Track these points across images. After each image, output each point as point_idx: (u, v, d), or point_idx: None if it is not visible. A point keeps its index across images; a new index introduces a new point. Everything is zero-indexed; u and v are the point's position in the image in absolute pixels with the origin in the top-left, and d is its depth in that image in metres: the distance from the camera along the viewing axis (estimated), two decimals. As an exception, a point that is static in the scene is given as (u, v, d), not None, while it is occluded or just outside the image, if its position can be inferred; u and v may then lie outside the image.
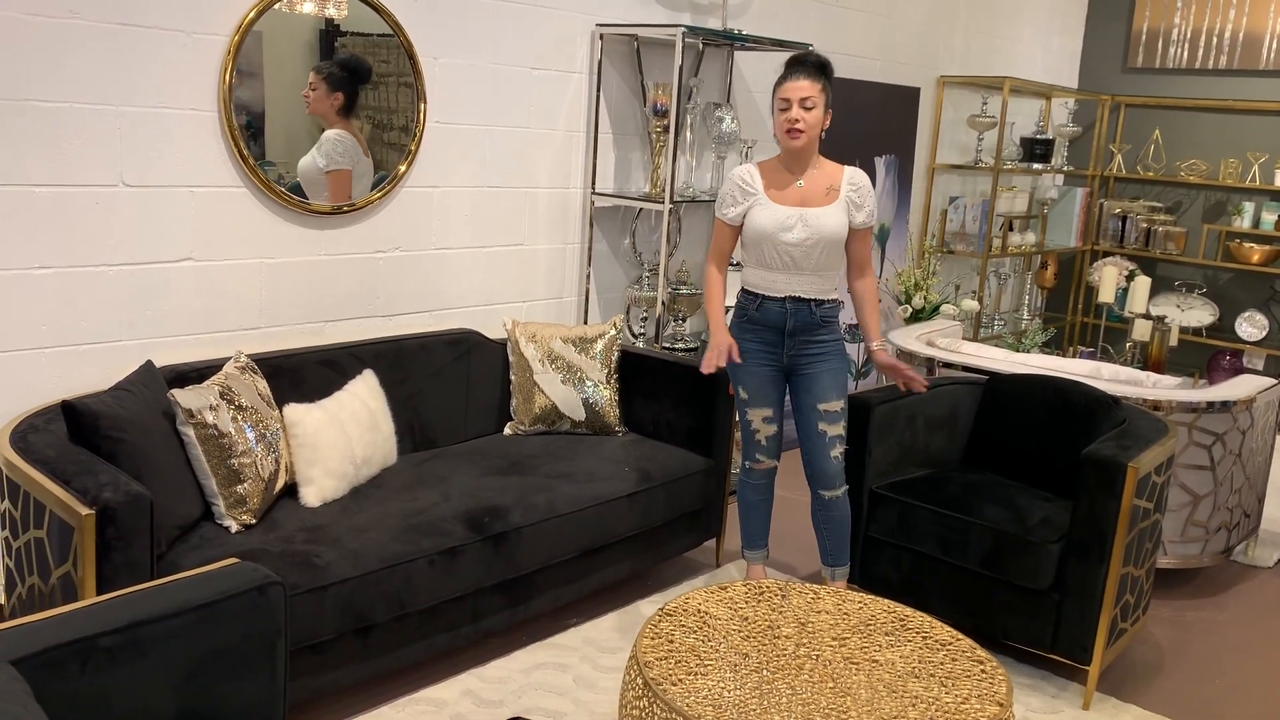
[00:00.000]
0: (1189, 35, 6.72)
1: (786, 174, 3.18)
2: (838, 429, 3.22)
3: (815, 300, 3.19)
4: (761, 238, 3.15)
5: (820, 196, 3.15)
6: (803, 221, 3.12)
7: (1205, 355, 6.71)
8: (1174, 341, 5.24)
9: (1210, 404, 3.66)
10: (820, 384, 3.20)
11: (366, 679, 2.74)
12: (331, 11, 3.33)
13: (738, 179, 3.21)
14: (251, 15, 3.12)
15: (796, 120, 3.07)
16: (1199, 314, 6.69)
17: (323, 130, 3.38)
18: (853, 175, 3.20)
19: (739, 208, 3.19)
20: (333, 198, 3.42)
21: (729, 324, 3.30)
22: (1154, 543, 3.23)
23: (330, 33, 3.34)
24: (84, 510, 2.19)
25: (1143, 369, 4.93)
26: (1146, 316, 5.29)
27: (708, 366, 3.12)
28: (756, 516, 3.44)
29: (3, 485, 2.54)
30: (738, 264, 3.40)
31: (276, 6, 3.18)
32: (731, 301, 3.44)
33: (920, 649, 2.35)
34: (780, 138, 3.13)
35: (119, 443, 2.46)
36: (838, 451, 3.23)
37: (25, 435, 2.53)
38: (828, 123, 3.14)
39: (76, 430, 2.47)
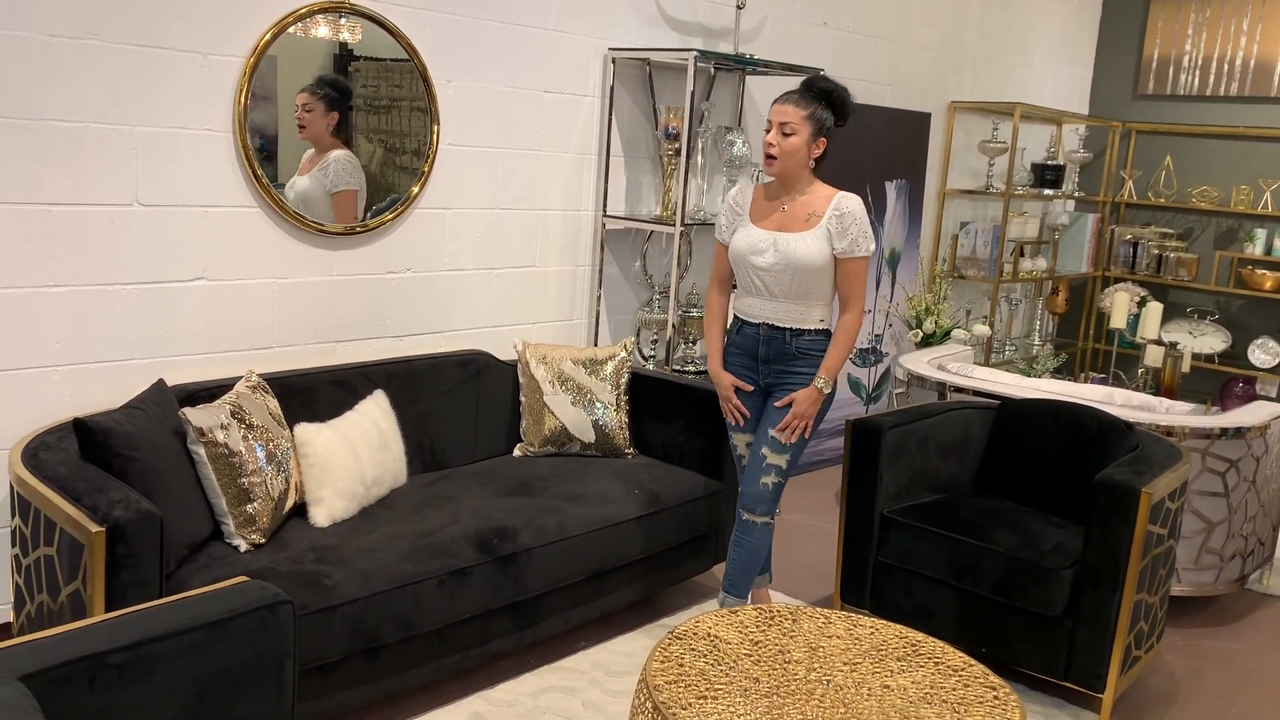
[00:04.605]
0: (1200, 62, 6.73)
1: (775, 197, 3.13)
2: (779, 460, 3.10)
3: (791, 330, 3.08)
4: (737, 260, 3.12)
5: (800, 222, 3.05)
6: (774, 246, 3.04)
7: (1218, 382, 6.68)
8: (1186, 368, 5.22)
9: (1224, 430, 3.64)
10: (781, 413, 3.10)
11: (374, 701, 2.73)
12: (345, 36, 3.35)
13: (731, 200, 3.19)
14: (267, 38, 3.14)
15: (772, 145, 3.01)
16: (1211, 340, 6.66)
17: (313, 151, 3.34)
18: (839, 202, 3.04)
19: (730, 229, 3.18)
20: (339, 219, 3.42)
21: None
22: (1168, 569, 3.20)
23: (343, 57, 3.36)
24: (94, 528, 2.19)
25: (1155, 395, 4.91)
26: (1159, 343, 5.27)
27: (731, 418, 3.21)
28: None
29: (14, 502, 2.54)
30: None
31: (291, 30, 3.20)
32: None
33: (933, 675, 2.33)
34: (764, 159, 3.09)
35: (130, 461, 2.46)
36: (770, 479, 3.12)
37: (37, 452, 2.53)
38: (818, 151, 3.03)
39: (88, 448, 2.47)
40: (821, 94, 3.03)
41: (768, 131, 3.03)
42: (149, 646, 1.68)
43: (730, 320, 3.26)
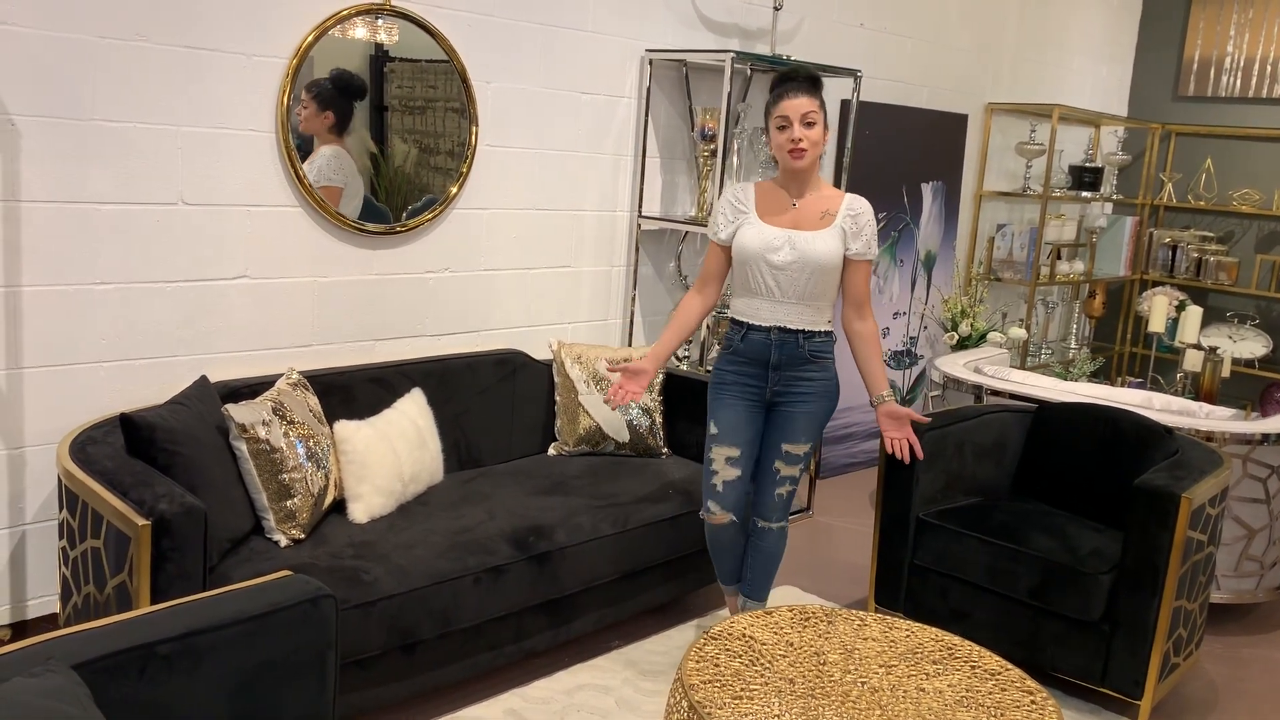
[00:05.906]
0: (1242, 64, 6.64)
1: (782, 195, 3.00)
2: (793, 470, 3.06)
3: (804, 332, 2.98)
4: (747, 258, 2.98)
5: (814, 220, 2.96)
6: (790, 244, 2.92)
7: (1258, 387, 6.58)
8: (1226, 373, 5.15)
9: (1266, 436, 3.60)
10: (795, 425, 3.02)
11: (411, 696, 2.75)
12: (382, 37, 3.38)
13: (730, 197, 3.05)
14: (310, 39, 3.18)
15: (799, 139, 2.87)
16: (1251, 345, 6.57)
17: (317, 147, 3.31)
18: (852, 202, 2.98)
19: (730, 227, 3.01)
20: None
21: (717, 358, 3.14)
22: (1208, 576, 3.17)
23: (379, 59, 3.39)
24: (140, 521, 2.23)
25: (1194, 400, 4.85)
26: (1198, 347, 5.21)
27: (609, 399, 2.98)
28: (726, 557, 3.21)
29: (62, 495, 2.59)
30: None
31: (331, 32, 3.24)
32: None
33: (968, 678, 2.32)
34: (781, 158, 2.95)
35: (174, 455, 2.50)
36: (784, 490, 3.08)
37: (84, 446, 2.58)
38: (828, 140, 2.97)
39: (134, 442, 2.52)
40: (815, 82, 2.92)
41: (782, 129, 2.90)
42: (197, 637, 1.71)
43: (726, 330, 3.12)
